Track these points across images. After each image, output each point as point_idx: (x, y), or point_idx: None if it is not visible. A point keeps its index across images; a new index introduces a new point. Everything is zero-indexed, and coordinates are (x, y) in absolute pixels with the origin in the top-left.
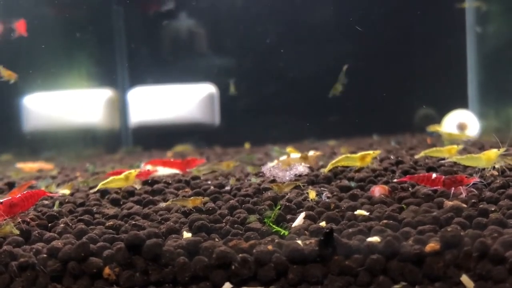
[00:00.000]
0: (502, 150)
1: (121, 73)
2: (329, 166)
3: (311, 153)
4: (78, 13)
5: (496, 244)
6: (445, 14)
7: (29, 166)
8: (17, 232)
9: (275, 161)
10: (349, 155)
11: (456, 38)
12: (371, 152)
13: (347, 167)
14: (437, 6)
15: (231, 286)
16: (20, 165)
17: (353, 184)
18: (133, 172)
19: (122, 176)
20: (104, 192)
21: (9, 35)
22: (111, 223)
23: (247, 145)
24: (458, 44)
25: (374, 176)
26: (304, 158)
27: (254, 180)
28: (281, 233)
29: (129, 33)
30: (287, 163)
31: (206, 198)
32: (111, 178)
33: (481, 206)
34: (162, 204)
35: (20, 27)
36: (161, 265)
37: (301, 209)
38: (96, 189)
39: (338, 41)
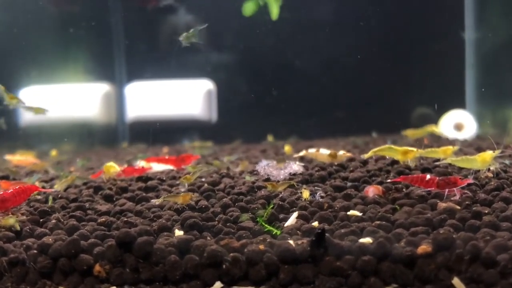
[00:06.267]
0: (497, 152)
1: (119, 67)
2: (370, 153)
3: (341, 152)
4: (75, 7)
5: (488, 247)
6: (444, 14)
7: (18, 159)
8: (18, 228)
9: (303, 152)
10: (392, 146)
11: (455, 38)
12: (414, 149)
13: (344, 167)
14: (436, 5)
15: (222, 285)
16: (9, 157)
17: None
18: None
19: None
20: (97, 188)
21: None
22: (103, 219)
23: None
24: (456, 44)
25: (369, 176)
26: (333, 157)
27: (248, 178)
28: (273, 233)
29: (126, 27)
30: (315, 156)
31: (196, 194)
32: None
33: (475, 208)
34: (155, 201)
35: None
36: (152, 263)
37: (294, 209)
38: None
39: (337, 40)
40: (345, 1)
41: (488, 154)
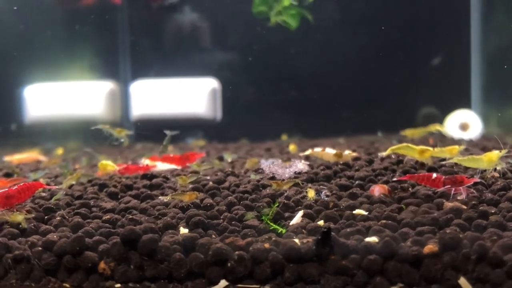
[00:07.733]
0: (503, 151)
1: (124, 65)
2: (388, 151)
3: (347, 152)
4: (81, 4)
5: (495, 247)
6: (450, 13)
7: (17, 158)
8: (26, 226)
9: (309, 151)
10: (410, 145)
11: (461, 38)
12: (431, 149)
13: (349, 166)
14: (442, 5)
15: (227, 283)
16: (8, 158)
17: None
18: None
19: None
20: (102, 186)
21: None
22: (108, 217)
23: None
24: (462, 44)
25: (375, 175)
26: (338, 156)
27: (253, 176)
28: (279, 231)
29: (132, 25)
30: (320, 156)
31: (202, 194)
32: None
33: (481, 208)
34: (162, 198)
35: None
36: (156, 261)
37: (299, 207)
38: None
39: (343, 40)
40: (350, 1)
41: (495, 154)
